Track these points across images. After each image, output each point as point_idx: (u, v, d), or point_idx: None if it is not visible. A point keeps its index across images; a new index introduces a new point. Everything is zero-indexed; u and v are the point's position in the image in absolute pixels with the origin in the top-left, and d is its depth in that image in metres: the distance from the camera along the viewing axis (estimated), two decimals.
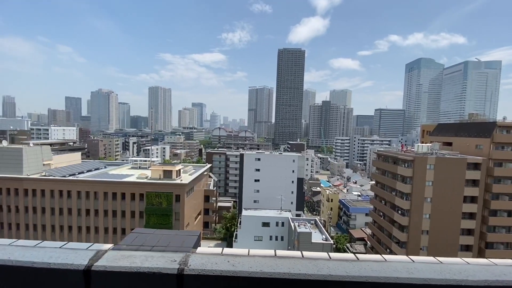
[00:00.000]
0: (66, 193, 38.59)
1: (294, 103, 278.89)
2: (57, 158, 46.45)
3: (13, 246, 1.28)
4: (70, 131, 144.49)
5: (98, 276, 1.12)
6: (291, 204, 55.76)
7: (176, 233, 1.63)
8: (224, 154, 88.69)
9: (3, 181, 38.69)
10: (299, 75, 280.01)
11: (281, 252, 1.37)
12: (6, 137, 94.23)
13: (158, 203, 37.90)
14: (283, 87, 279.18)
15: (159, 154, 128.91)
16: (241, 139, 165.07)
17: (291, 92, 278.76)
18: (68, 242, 1.35)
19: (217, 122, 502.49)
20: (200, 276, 1.13)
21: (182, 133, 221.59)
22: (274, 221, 43.78)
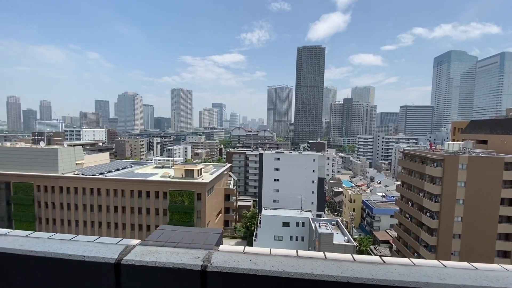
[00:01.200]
0: (97, 190, 40.96)
1: (314, 102, 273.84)
2: (88, 157, 49.40)
3: (52, 239, 1.40)
4: (100, 132, 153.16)
5: (127, 269, 1.20)
6: (312, 204, 54.95)
7: (199, 231, 1.69)
8: (243, 154, 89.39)
9: (41, 179, 41.92)
10: (319, 72, 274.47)
11: (303, 252, 1.35)
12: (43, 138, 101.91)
13: (181, 201, 39.05)
14: (303, 85, 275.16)
15: (181, 154, 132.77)
16: (260, 139, 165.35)
17: (311, 90, 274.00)
18: (100, 237, 1.43)
19: (236, 122, 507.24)
20: (222, 273, 1.16)
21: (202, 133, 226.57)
22: (294, 221, 43.38)
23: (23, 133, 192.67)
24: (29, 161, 43.20)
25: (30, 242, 1.34)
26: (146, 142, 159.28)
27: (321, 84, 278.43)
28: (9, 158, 43.83)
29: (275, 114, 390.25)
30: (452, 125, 60.94)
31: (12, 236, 1.43)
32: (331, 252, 1.40)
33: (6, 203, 42.94)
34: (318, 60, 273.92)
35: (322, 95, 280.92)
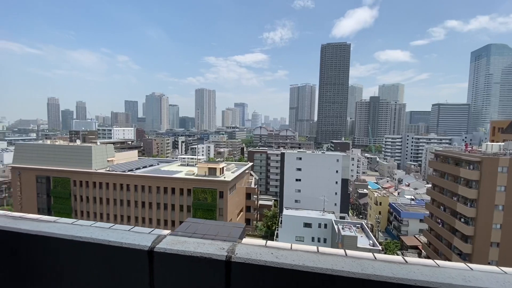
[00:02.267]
0: (126, 186, 43.32)
1: (338, 100, 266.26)
2: (118, 155, 52.36)
3: (93, 227, 1.57)
4: (129, 131, 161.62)
5: (159, 256, 1.33)
6: (335, 205, 53.62)
7: (223, 224, 1.77)
8: (265, 153, 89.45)
9: (77, 174, 45.20)
10: (343, 70, 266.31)
11: (324, 249, 1.38)
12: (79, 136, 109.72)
13: (204, 198, 40.09)
14: (327, 83, 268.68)
15: (204, 152, 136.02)
16: (282, 138, 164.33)
17: (335, 89, 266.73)
18: (135, 226, 1.57)
19: (258, 121, 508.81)
20: (245, 264, 1.23)
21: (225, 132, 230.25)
22: (317, 222, 42.61)
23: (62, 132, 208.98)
24: (67, 157, 46.74)
25: (75, 228, 1.53)
26: (172, 140, 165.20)
27: (346, 82, 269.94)
28: (50, 154, 47.76)
29: (297, 113, 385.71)
30: (491, 124, 56.16)
31: (60, 223, 1.62)
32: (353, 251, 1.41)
33: (46, 195, 46.89)
34: (343, 57, 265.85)
35: (347, 93, 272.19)
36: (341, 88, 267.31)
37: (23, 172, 47.41)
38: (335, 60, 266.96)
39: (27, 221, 1.61)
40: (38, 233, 1.48)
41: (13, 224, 1.55)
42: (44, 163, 46.97)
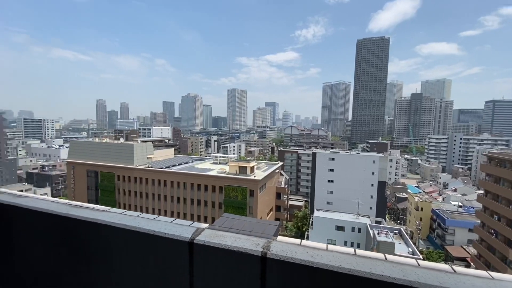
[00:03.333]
0: (163, 182, 46.00)
1: (375, 98, 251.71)
2: (157, 152, 55.76)
3: (140, 217, 1.70)
4: (166, 130, 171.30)
5: (198, 248, 1.39)
6: (370, 209, 50.99)
7: (258, 221, 1.82)
8: (295, 153, 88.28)
9: (120, 169, 49.15)
10: (381, 66, 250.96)
11: (362, 251, 1.34)
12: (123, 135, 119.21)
13: (235, 196, 40.93)
14: (363, 80, 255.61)
15: (235, 151, 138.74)
16: (313, 138, 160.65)
17: (371, 86, 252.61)
18: (176, 219, 1.68)
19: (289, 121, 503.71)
20: (280, 261, 1.24)
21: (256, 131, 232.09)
22: (350, 226, 40.94)
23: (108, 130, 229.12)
24: (112, 154, 51.07)
25: (125, 218, 1.68)
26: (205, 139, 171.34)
27: (384, 79, 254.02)
28: (97, 151, 52.63)
29: (330, 112, 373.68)
30: None
31: (112, 212, 1.80)
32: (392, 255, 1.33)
33: (95, 188, 51.80)
34: (381, 53, 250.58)
35: (385, 90, 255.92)
36: (378, 85, 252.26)
37: (76, 167, 52.96)
38: (372, 55, 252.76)
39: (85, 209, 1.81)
40: (93, 220, 1.65)
41: (74, 212, 1.76)
42: (93, 158, 51.93)
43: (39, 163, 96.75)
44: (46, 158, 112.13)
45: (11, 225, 1.98)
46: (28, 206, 1.87)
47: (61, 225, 1.75)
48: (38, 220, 1.84)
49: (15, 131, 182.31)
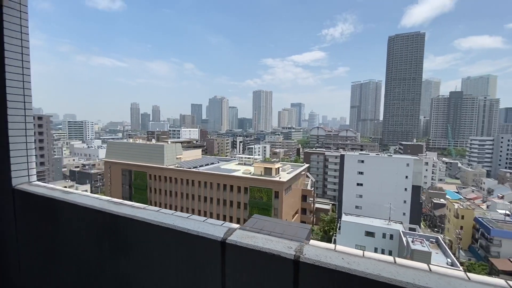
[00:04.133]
0: (191, 182, 47.58)
1: (409, 97, 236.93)
2: (185, 153, 57.86)
3: (174, 215, 1.76)
4: (194, 131, 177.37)
5: (230, 247, 1.40)
6: (403, 215, 48.12)
7: (289, 224, 1.80)
8: (322, 154, 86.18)
9: (152, 169, 51.75)
10: (416, 63, 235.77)
11: (402, 260, 1.23)
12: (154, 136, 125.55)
13: (260, 197, 41.02)
14: (395, 78, 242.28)
15: (260, 152, 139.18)
16: (341, 139, 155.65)
17: (405, 84, 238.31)
18: (208, 218, 1.71)
19: (315, 122, 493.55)
20: (314, 266, 1.19)
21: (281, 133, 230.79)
22: (381, 232, 38.93)
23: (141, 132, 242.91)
24: (144, 154, 53.99)
25: (160, 215, 1.75)
26: (231, 140, 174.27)
27: (419, 76, 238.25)
28: (131, 151, 55.97)
29: (359, 112, 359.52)
30: None
31: (149, 210, 1.88)
32: (435, 266, 1.20)
33: (128, 186, 55.11)
34: (416, 49, 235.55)
35: (420, 88, 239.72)
36: (412, 83, 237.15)
37: (112, 166, 56.82)
38: (406, 52, 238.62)
39: (125, 206, 1.93)
40: (132, 217, 1.75)
41: (115, 208, 1.89)
42: (127, 158, 55.33)
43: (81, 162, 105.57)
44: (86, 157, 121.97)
45: (62, 218, 2.18)
46: (75, 202, 2.05)
47: (104, 220, 1.88)
48: (84, 214, 1.99)
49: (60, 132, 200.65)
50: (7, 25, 2.50)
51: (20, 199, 2.50)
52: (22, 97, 2.65)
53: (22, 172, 2.66)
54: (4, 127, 2.54)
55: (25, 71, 2.67)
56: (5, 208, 2.62)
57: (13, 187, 2.54)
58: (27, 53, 2.69)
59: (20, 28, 2.62)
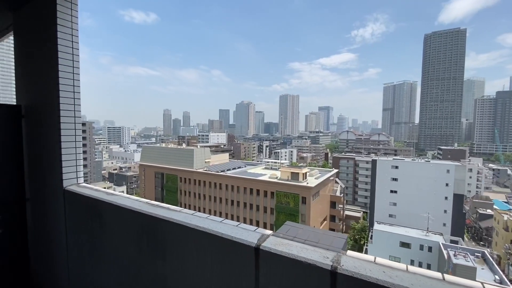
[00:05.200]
0: (219, 185, 48.56)
1: (449, 98, 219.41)
2: (213, 157, 59.34)
3: (208, 219, 1.78)
4: (222, 136, 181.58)
5: (264, 254, 1.37)
6: (444, 226, 44.34)
7: (323, 232, 1.77)
8: (352, 160, 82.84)
9: (182, 172, 53.77)
10: (456, 61, 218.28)
11: (451, 277, 1.12)
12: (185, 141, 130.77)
13: (286, 202, 40.48)
14: (432, 79, 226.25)
15: (287, 157, 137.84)
16: (373, 143, 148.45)
17: (444, 84, 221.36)
18: (241, 223, 1.70)
19: (344, 125, 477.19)
20: (353, 278, 1.12)
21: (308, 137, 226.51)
22: (418, 243, 36.18)
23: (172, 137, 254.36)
24: (175, 158, 56.37)
25: (195, 219, 1.79)
26: (257, 145, 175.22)
27: (460, 76, 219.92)
28: (164, 155, 58.78)
29: (392, 115, 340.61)
30: None
31: (184, 213, 1.93)
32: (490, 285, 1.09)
33: (161, 189, 57.79)
34: (456, 47, 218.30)
35: (461, 89, 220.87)
36: (453, 84, 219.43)
37: (146, 169, 60.11)
38: (444, 50, 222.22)
39: (162, 209, 2.01)
40: (169, 219, 1.81)
41: (153, 210, 1.97)
42: (160, 161, 58.20)
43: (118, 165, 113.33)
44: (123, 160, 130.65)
45: (105, 218, 2.34)
46: (117, 203, 2.19)
47: (143, 221, 1.97)
48: (125, 215, 2.12)
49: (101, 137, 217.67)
50: (60, 42, 2.80)
51: (69, 199, 2.75)
52: (73, 106, 2.93)
53: (72, 174, 2.93)
54: (57, 134, 2.82)
55: (75, 82, 2.96)
56: (57, 207, 2.90)
57: (64, 188, 2.80)
58: (77, 66, 2.98)
59: (72, 44, 2.92)
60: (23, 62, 3.31)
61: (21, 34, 3.34)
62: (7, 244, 3.19)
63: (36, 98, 3.12)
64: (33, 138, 3.19)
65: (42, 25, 2.93)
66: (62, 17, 2.79)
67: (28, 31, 3.20)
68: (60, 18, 2.77)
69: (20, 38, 3.37)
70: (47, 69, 2.90)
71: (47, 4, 2.81)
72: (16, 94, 3.43)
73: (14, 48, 3.40)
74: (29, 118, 3.23)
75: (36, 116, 3.12)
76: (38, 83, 3.09)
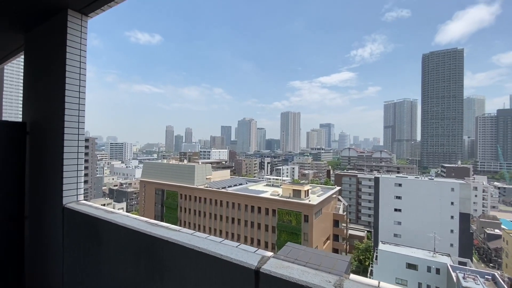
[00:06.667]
0: (219, 202, 47.90)
1: (449, 115, 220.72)
2: (215, 173, 59.03)
3: (208, 240, 1.74)
4: (223, 152, 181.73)
5: (264, 277, 1.32)
6: (451, 247, 43.01)
7: (326, 254, 1.72)
8: (355, 177, 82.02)
9: (183, 188, 53.31)
10: (455, 80, 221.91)
11: None
12: (186, 157, 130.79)
13: (288, 220, 39.64)
14: (432, 97, 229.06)
15: (288, 174, 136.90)
16: (375, 161, 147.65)
17: (444, 102, 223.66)
18: (241, 244, 1.65)
19: (346, 142, 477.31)
20: None
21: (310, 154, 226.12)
22: (425, 265, 34.91)
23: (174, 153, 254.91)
24: (176, 174, 56.14)
25: (194, 239, 1.74)
26: (259, 161, 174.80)
27: (460, 94, 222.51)
28: (165, 171, 58.60)
29: (394, 133, 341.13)
30: None
31: (183, 232, 1.88)
32: None
33: (161, 205, 57.06)
34: (454, 66, 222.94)
35: (461, 107, 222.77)
36: (453, 101, 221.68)
37: (147, 185, 59.71)
38: (443, 69, 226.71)
39: (161, 228, 1.98)
40: (167, 239, 1.77)
41: (152, 229, 1.94)
42: (161, 178, 57.90)
43: (119, 181, 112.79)
44: (124, 176, 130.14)
45: (104, 236, 2.31)
46: (117, 222, 2.16)
47: (141, 240, 1.94)
48: (124, 234, 2.09)
49: (103, 153, 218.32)
50: (69, 62, 2.90)
51: (68, 216, 2.72)
52: (77, 123, 2.98)
53: (72, 192, 2.92)
54: (60, 151, 2.85)
55: (81, 101, 3.03)
56: (56, 225, 2.87)
57: (63, 206, 2.78)
58: (84, 85, 3.06)
59: (79, 64, 3.02)
60: (32, 81, 3.41)
61: (31, 54, 3.47)
62: (4, 261, 3.13)
63: (42, 116, 3.18)
64: (36, 155, 3.22)
65: (52, 46, 3.05)
66: (71, 39, 2.92)
67: (38, 52, 3.32)
68: (69, 40, 2.89)
69: (30, 58, 3.49)
70: (54, 88, 2.99)
71: (58, 27, 2.94)
72: (22, 112, 3.50)
73: (24, 68, 3.52)
74: (33, 135, 3.27)
75: (41, 133, 3.17)
76: (44, 102, 3.17)
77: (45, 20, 3.10)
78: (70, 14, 2.88)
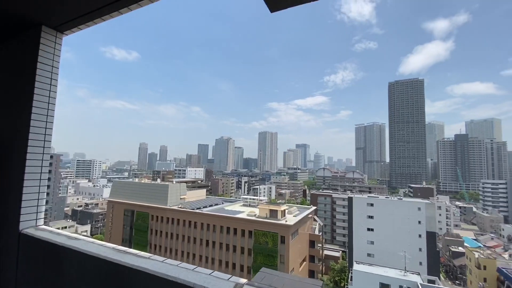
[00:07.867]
0: (193, 224, 45.89)
1: (413, 139, 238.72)
2: (190, 193, 57.05)
3: (179, 267, 1.66)
4: (199, 171, 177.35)
5: None
6: (420, 265, 44.51)
7: (299, 279, 1.69)
8: (329, 197, 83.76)
9: (154, 209, 50.57)
10: (418, 107, 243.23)
11: None
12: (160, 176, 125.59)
13: (265, 242, 38.82)
14: (398, 121, 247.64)
15: (266, 193, 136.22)
16: (348, 181, 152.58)
17: (408, 127, 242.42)
18: (214, 271, 1.60)
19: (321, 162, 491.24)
20: None
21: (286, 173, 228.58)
22: (397, 284, 35.59)
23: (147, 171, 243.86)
24: (148, 194, 53.38)
25: (165, 267, 1.65)
26: (236, 180, 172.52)
27: (422, 120, 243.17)
28: (136, 191, 55.54)
29: (365, 154, 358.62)
30: None
31: (154, 260, 1.78)
32: None
33: (130, 228, 53.32)
34: (416, 94, 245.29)
35: (424, 131, 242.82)
36: (416, 126, 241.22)
37: (115, 205, 55.87)
38: (407, 97, 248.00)
39: (129, 255, 1.86)
40: (137, 267, 1.67)
41: (119, 257, 1.82)
42: (131, 198, 54.63)
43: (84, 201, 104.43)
44: (91, 196, 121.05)
45: (64, 265, 2.11)
46: (80, 249, 2.00)
47: (107, 269, 1.80)
48: (88, 262, 1.93)
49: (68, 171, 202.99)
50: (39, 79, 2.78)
51: (24, 243, 2.47)
52: (43, 142, 2.81)
53: (31, 216, 2.67)
54: (21, 171, 2.63)
55: (49, 118, 2.88)
56: (10, 252, 2.58)
57: (20, 231, 2.53)
58: (53, 102, 2.93)
59: (50, 81, 2.90)
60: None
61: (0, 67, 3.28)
62: None
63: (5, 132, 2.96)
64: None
65: (23, 60, 2.92)
66: (43, 55, 2.81)
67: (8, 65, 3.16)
68: (41, 57, 2.79)
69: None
70: (21, 103, 2.82)
71: (30, 42, 2.84)
72: None
73: None
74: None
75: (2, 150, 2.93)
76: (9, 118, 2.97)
77: (17, 34, 2.99)
78: (44, 30, 2.80)
